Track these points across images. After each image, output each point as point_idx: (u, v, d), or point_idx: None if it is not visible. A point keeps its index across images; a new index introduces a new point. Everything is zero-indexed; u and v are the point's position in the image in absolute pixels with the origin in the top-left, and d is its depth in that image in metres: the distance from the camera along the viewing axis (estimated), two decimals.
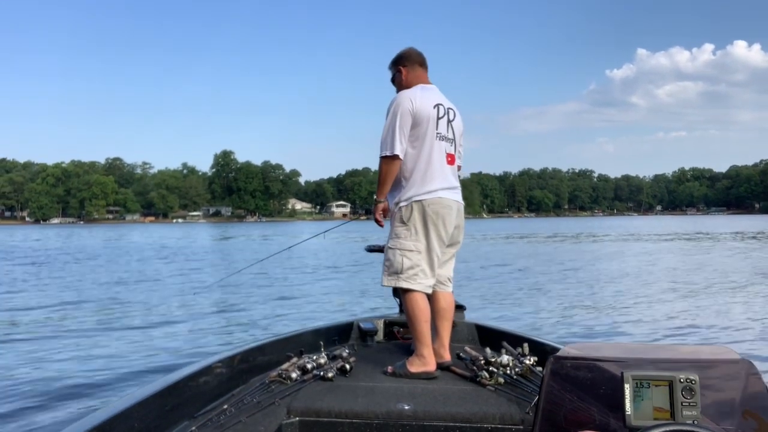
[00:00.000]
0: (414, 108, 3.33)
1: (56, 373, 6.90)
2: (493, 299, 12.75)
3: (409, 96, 3.37)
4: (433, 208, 3.33)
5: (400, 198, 3.39)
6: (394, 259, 3.36)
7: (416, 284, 3.32)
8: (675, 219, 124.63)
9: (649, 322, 10.16)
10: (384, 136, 3.37)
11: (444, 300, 3.53)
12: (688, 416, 1.65)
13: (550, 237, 46.17)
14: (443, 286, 3.53)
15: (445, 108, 3.46)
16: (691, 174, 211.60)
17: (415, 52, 3.63)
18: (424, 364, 3.27)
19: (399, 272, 3.34)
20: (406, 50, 3.64)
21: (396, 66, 3.62)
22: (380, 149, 3.38)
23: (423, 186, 3.34)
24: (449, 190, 3.41)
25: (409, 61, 3.59)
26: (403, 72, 3.57)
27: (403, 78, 3.56)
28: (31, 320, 10.87)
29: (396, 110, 3.34)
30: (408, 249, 3.34)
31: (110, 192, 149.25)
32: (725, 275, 17.25)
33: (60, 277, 19.46)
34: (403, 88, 3.52)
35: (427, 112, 3.36)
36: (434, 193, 3.34)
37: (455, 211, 3.43)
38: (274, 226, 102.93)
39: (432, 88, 3.53)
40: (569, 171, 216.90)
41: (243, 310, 11.75)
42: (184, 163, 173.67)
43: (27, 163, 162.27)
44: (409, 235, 3.35)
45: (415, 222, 3.34)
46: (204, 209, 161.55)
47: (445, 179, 3.41)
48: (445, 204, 3.37)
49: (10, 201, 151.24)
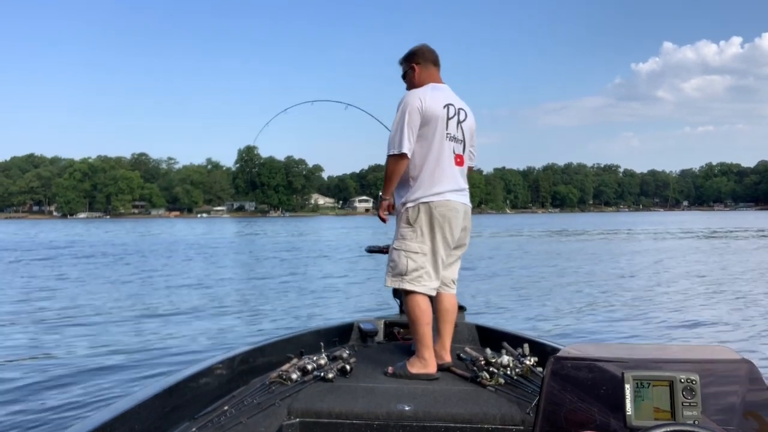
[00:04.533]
0: (424, 107, 3.31)
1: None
2: (494, 299, 12.68)
3: (419, 95, 3.35)
4: (440, 211, 3.31)
5: (407, 199, 3.37)
6: (398, 260, 3.35)
7: (420, 286, 3.31)
8: (702, 215, 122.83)
9: (650, 322, 10.06)
10: (392, 134, 3.36)
11: (447, 302, 3.52)
12: (688, 416, 1.65)
13: (555, 233, 45.76)
14: (447, 288, 3.52)
15: (456, 108, 3.43)
16: (719, 169, 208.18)
17: (429, 50, 3.59)
18: (424, 366, 3.27)
19: (403, 274, 3.32)
20: (420, 47, 3.60)
21: (409, 63, 3.57)
22: (388, 147, 3.37)
23: (431, 187, 3.32)
24: (457, 192, 3.39)
25: (423, 58, 3.55)
26: (417, 70, 3.53)
27: (416, 76, 3.52)
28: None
29: (405, 108, 3.32)
30: (413, 251, 3.33)
31: (136, 187, 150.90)
32: (735, 274, 17.01)
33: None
34: (414, 86, 3.49)
35: (437, 112, 3.34)
36: (442, 195, 3.32)
37: (462, 214, 3.41)
38: (298, 221, 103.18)
39: (443, 88, 3.50)
40: (594, 166, 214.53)
41: (243, 309, 11.85)
42: (209, 158, 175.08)
43: (54, 158, 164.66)
44: (415, 237, 3.33)
45: (422, 224, 3.32)
46: (228, 204, 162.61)
47: (453, 181, 3.39)
48: (452, 207, 3.35)
49: (38, 196, 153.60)
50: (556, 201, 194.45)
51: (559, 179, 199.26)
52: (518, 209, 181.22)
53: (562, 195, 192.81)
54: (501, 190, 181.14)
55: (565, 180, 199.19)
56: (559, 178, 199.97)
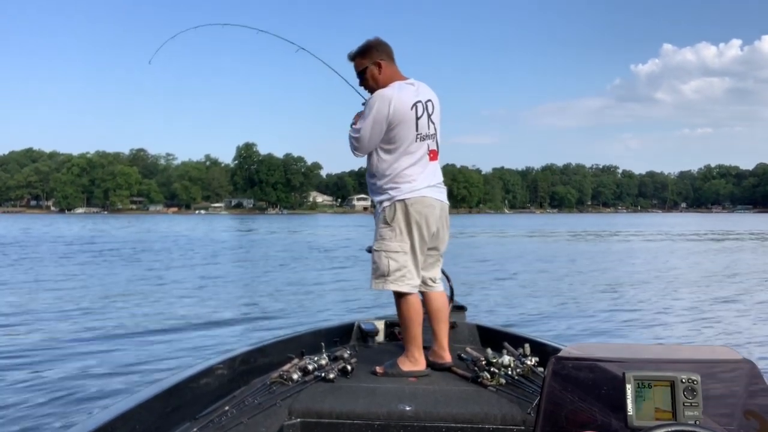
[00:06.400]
0: (392, 111, 3.22)
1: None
2: (494, 299, 12.69)
3: (389, 98, 3.24)
4: (416, 208, 3.28)
5: (383, 198, 3.34)
6: (380, 262, 3.31)
7: (404, 285, 3.29)
8: (700, 217, 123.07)
9: (650, 322, 10.10)
10: (358, 135, 3.31)
11: (436, 301, 3.49)
12: (689, 416, 1.65)
13: (552, 233, 45.81)
14: (434, 287, 3.50)
15: (423, 103, 3.32)
16: (717, 171, 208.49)
17: (386, 43, 3.44)
18: (414, 364, 3.29)
19: (386, 275, 3.29)
20: (379, 41, 3.43)
21: (370, 59, 3.38)
22: (353, 149, 3.38)
23: (406, 185, 3.28)
24: (432, 188, 3.35)
25: (385, 54, 3.40)
26: (382, 66, 3.37)
27: (380, 74, 3.37)
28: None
29: (372, 112, 3.24)
30: (394, 250, 3.29)
31: (134, 182, 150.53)
32: (736, 275, 17.05)
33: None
34: (378, 84, 3.36)
35: (407, 114, 3.25)
36: (417, 191, 3.29)
37: (438, 210, 3.37)
38: (296, 218, 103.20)
39: (407, 86, 3.35)
40: (593, 167, 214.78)
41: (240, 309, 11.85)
42: (207, 154, 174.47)
43: (53, 153, 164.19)
44: (394, 236, 3.30)
45: (399, 222, 3.29)
46: (226, 201, 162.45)
47: (429, 177, 3.35)
48: (428, 203, 3.31)
49: (36, 190, 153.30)
50: (554, 201, 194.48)
51: (558, 180, 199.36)
52: (516, 209, 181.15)
53: (561, 195, 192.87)
54: (500, 190, 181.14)
55: (564, 180, 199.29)
56: (557, 178, 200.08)
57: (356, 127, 3.35)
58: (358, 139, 3.33)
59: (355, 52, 3.44)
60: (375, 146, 3.33)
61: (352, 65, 3.47)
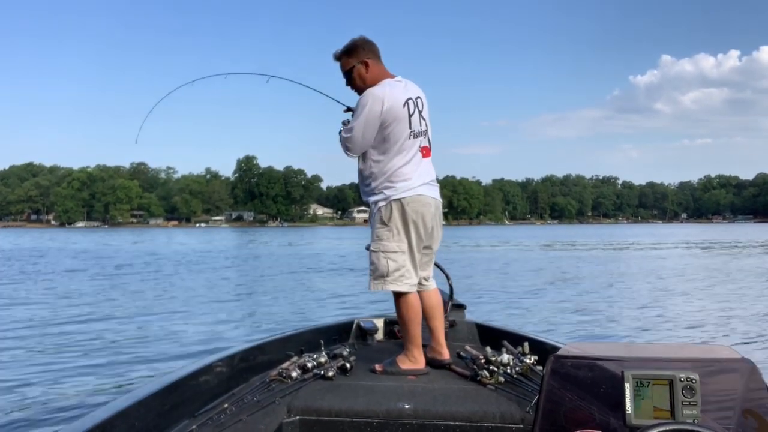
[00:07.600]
0: (385, 109, 3.21)
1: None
2: (495, 299, 12.70)
3: (381, 96, 3.22)
4: (412, 207, 3.26)
5: (379, 198, 3.32)
6: (378, 262, 3.29)
7: (403, 285, 3.28)
8: (700, 227, 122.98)
9: (650, 321, 10.11)
10: (350, 135, 3.30)
11: (431, 299, 3.48)
12: (688, 415, 1.66)
13: (548, 245, 45.82)
14: (428, 285, 3.50)
15: (414, 100, 3.31)
16: (717, 181, 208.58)
17: (373, 42, 3.40)
18: (414, 363, 3.29)
19: (385, 275, 3.27)
20: (365, 40, 3.39)
21: (357, 58, 3.34)
22: (345, 149, 3.36)
23: (401, 184, 3.27)
24: (427, 185, 3.35)
25: (372, 52, 3.36)
26: (370, 65, 3.34)
27: (368, 73, 3.34)
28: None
29: (365, 111, 3.22)
30: (392, 251, 3.28)
31: (134, 196, 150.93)
32: (736, 277, 17.09)
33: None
34: (365, 84, 3.32)
35: (400, 112, 3.24)
36: (413, 190, 3.27)
37: (433, 208, 3.36)
38: (296, 231, 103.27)
39: (396, 83, 3.32)
40: (593, 177, 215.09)
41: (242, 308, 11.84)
42: (208, 168, 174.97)
43: (53, 167, 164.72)
44: (391, 235, 3.28)
45: (396, 221, 3.28)
46: (226, 214, 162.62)
47: (423, 174, 3.34)
48: (424, 201, 3.30)
49: (37, 204, 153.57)
50: (554, 212, 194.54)
51: (558, 191, 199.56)
52: (517, 220, 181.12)
53: (561, 206, 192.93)
54: (500, 201, 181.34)
55: (564, 191, 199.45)
56: (557, 189, 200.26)
57: (348, 126, 3.34)
58: (350, 139, 3.31)
59: (340, 52, 3.39)
60: (368, 146, 3.31)
61: (338, 65, 3.43)
